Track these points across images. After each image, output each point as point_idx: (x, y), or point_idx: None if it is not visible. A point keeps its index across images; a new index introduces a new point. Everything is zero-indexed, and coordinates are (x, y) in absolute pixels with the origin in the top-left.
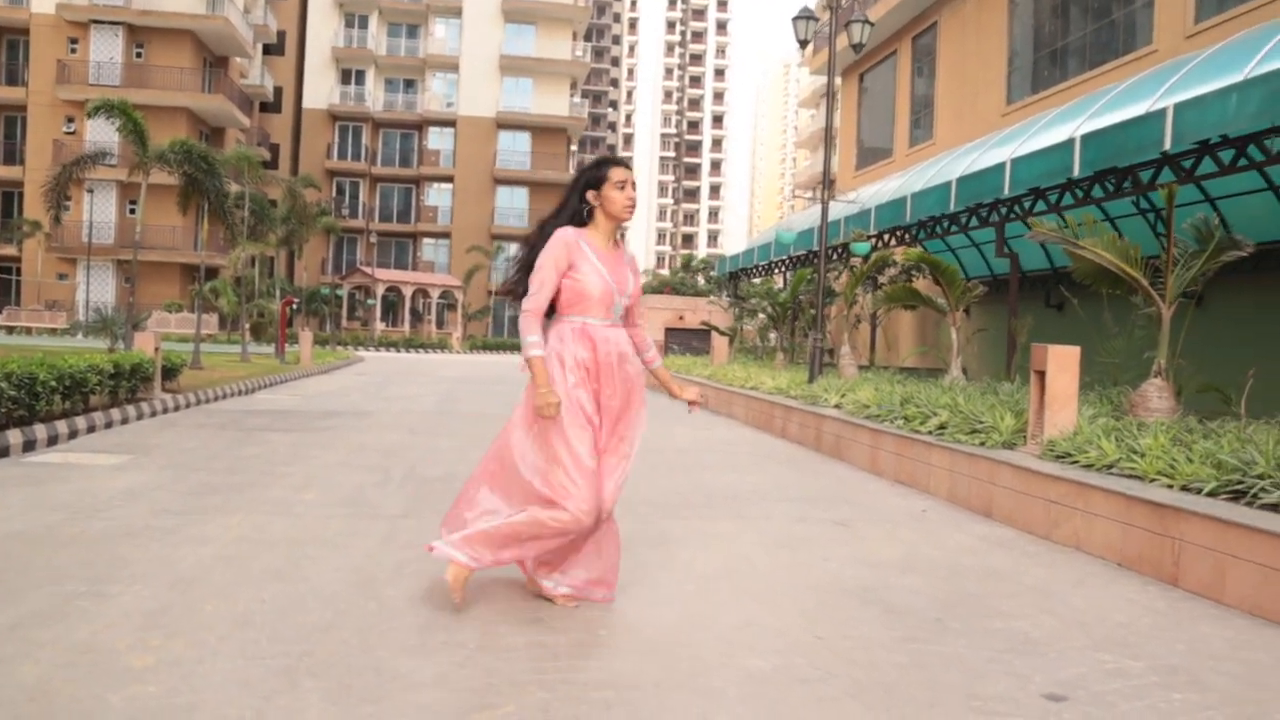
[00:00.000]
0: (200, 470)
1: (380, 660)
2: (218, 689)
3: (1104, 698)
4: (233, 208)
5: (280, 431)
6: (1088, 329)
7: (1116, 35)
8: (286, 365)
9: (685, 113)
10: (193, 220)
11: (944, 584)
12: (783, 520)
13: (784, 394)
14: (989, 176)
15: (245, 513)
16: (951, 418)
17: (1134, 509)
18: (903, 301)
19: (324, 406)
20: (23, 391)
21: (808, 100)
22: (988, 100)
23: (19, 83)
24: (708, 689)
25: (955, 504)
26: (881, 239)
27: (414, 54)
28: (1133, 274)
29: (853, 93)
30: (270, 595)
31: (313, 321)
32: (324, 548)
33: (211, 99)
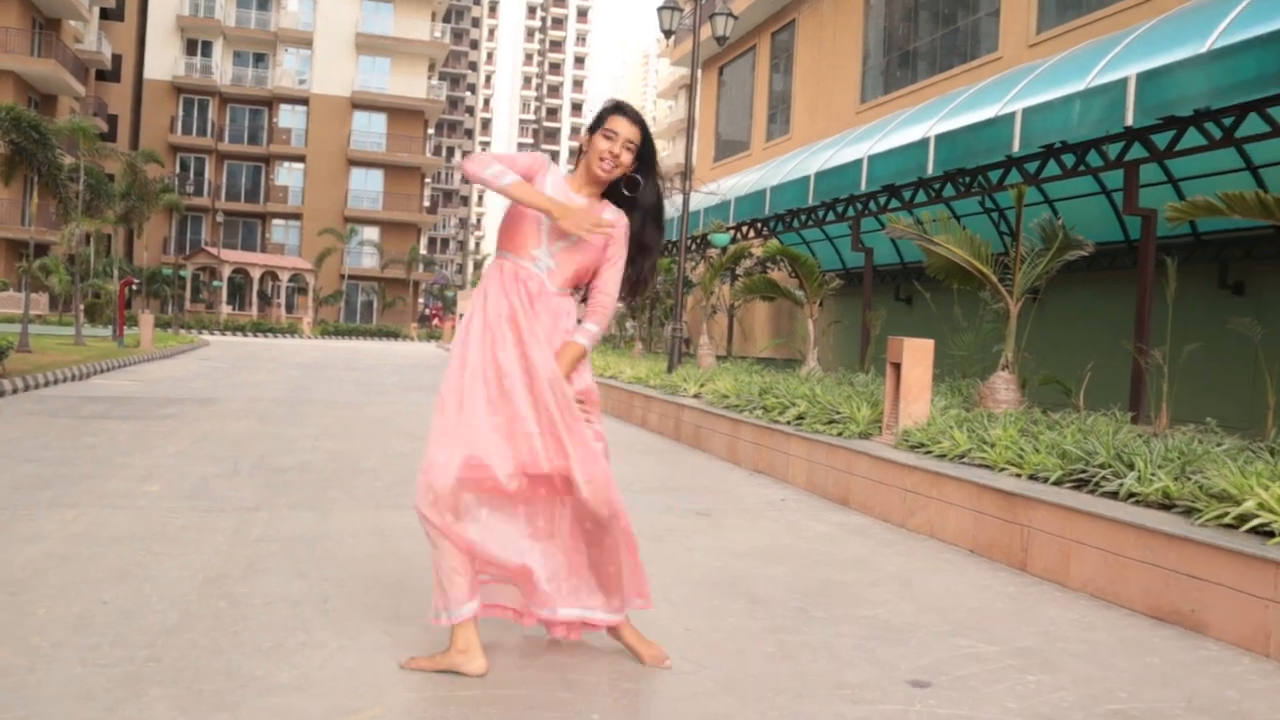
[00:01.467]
0: (29, 461)
1: (233, 663)
2: (53, 701)
3: (965, 682)
4: (66, 181)
5: (119, 419)
6: (937, 322)
7: (964, 41)
8: (125, 349)
9: (545, 99)
10: (20, 193)
11: (807, 573)
12: (646, 510)
13: (643, 383)
14: (846, 172)
15: (82, 507)
16: (809, 408)
17: (985, 497)
18: (761, 293)
19: (167, 393)
20: None
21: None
22: (843, 98)
23: None
24: (578, 684)
25: (813, 493)
26: (740, 231)
27: (265, 27)
28: (983, 270)
29: (712, 86)
30: (112, 596)
31: (154, 303)
32: (169, 544)
33: (42, 63)
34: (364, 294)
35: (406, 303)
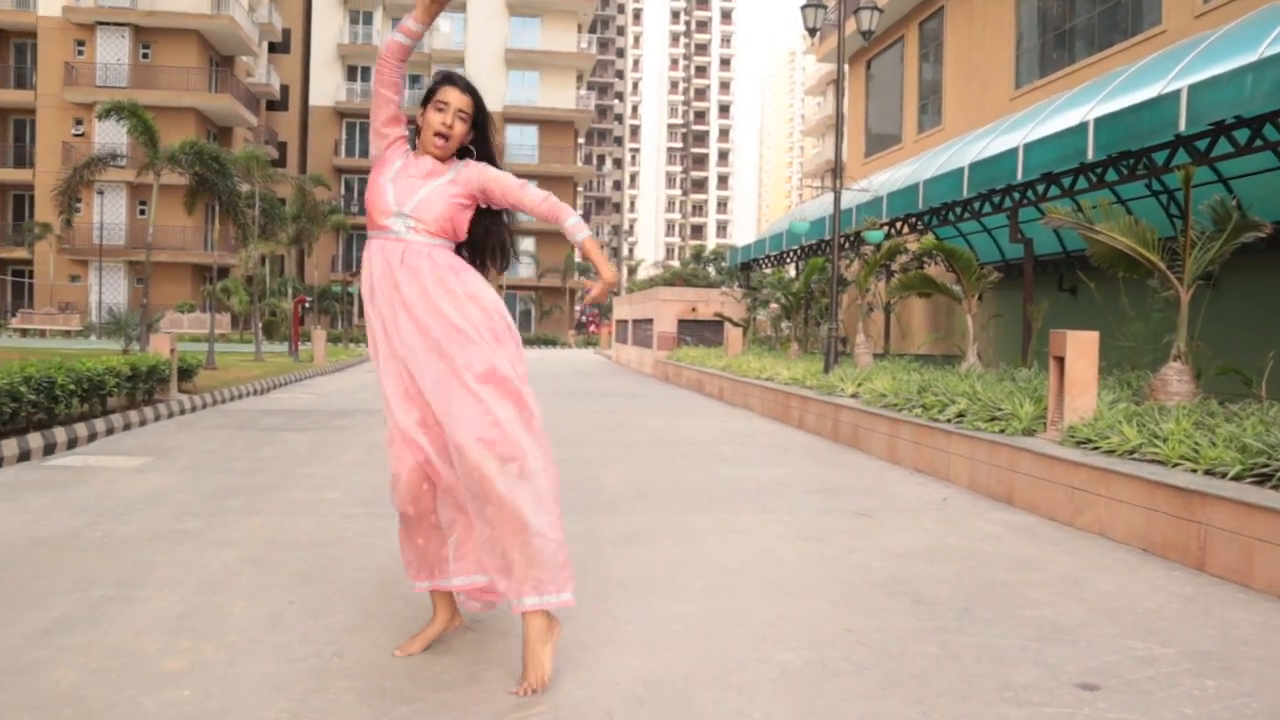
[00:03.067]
0: (221, 472)
1: (411, 661)
2: (251, 692)
3: (1137, 686)
4: (243, 207)
5: (297, 431)
6: (1103, 313)
7: (1125, 16)
8: (300, 364)
9: (692, 103)
10: (202, 220)
11: (970, 573)
12: (806, 512)
13: (799, 384)
14: (1002, 162)
15: (268, 514)
16: (970, 405)
17: (1157, 494)
18: (917, 289)
19: (339, 405)
20: (42, 395)
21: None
22: (996, 85)
23: (27, 86)
24: (740, 684)
25: (976, 492)
26: (894, 226)
27: (419, 50)
28: (1150, 257)
29: (860, 80)
30: (299, 597)
31: (325, 319)
32: (349, 548)
33: (218, 98)
34: (521, 303)
35: (563, 310)
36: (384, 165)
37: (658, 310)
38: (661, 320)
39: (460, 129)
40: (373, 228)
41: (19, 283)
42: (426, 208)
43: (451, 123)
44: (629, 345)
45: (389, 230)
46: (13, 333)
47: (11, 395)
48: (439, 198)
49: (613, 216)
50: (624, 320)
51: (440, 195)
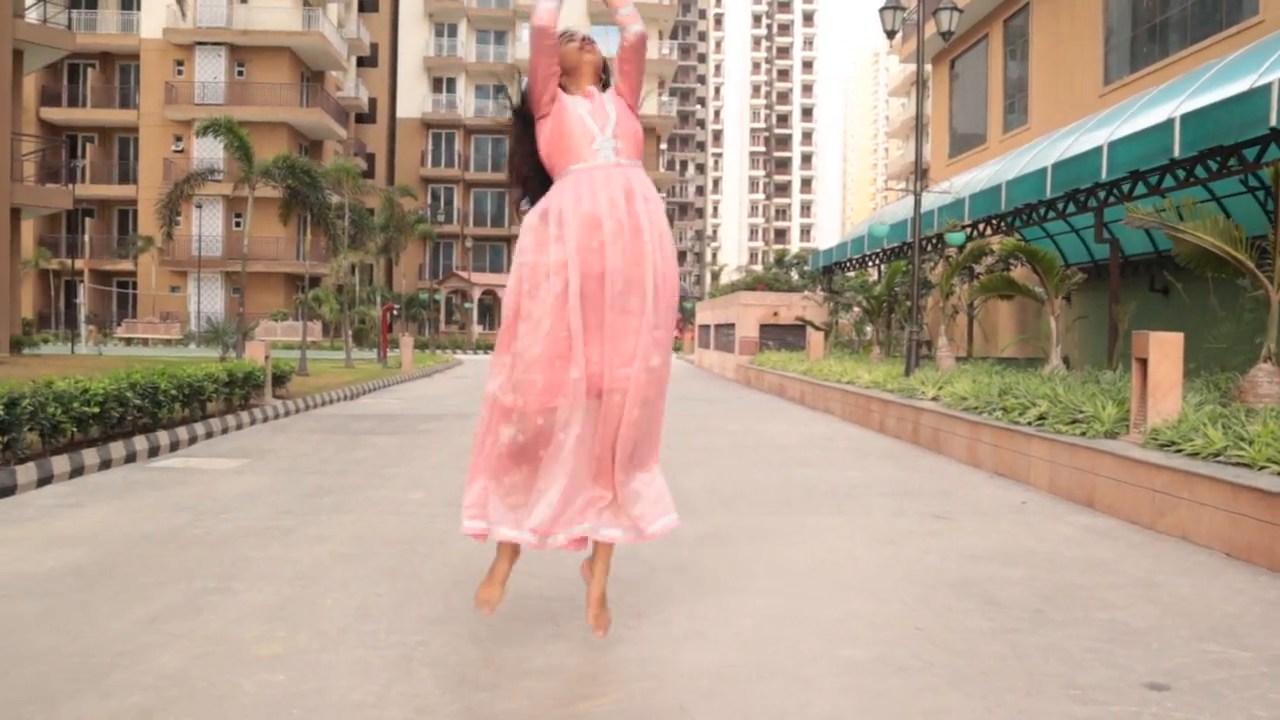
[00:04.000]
0: (314, 473)
1: (490, 650)
2: (341, 676)
3: (1209, 687)
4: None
5: (386, 435)
6: (1194, 314)
7: (1220, 6)
8: (389, 370)
9: (774, 107)
10: (295, 231)
11: (1045, 575)
12: (881, 514)
13: (880, 388)
14: (1085, 161)
15: (358, 513)
16: (1051, 408)
17: (1242, 497)
18: (999, 291)
19: (426, 410)
20: (146, 400)
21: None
22: (1084, 82)
23: (131, 105)
24: (806, 678)
25: (1056, 495)
26: (976, 228)
27: (503, 59)
28: (1237, 256)
29: (944, 80)
30: (386, 590)
31: (412, 326)
32: (433, 545)
33: (309, 113)
34: None
35: None
36: (562, 107)
37: (739, 315)
38: (743, 325)
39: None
40: (572, 161)
41: (123, 294)
42: (625, 126)
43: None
44: (711, 350)
45: (596, 156)
46: (118, 341)
47: (119, 400)
48: (626, 115)
49: (695, 222)
50: (706, 325)
51: (626, 113)
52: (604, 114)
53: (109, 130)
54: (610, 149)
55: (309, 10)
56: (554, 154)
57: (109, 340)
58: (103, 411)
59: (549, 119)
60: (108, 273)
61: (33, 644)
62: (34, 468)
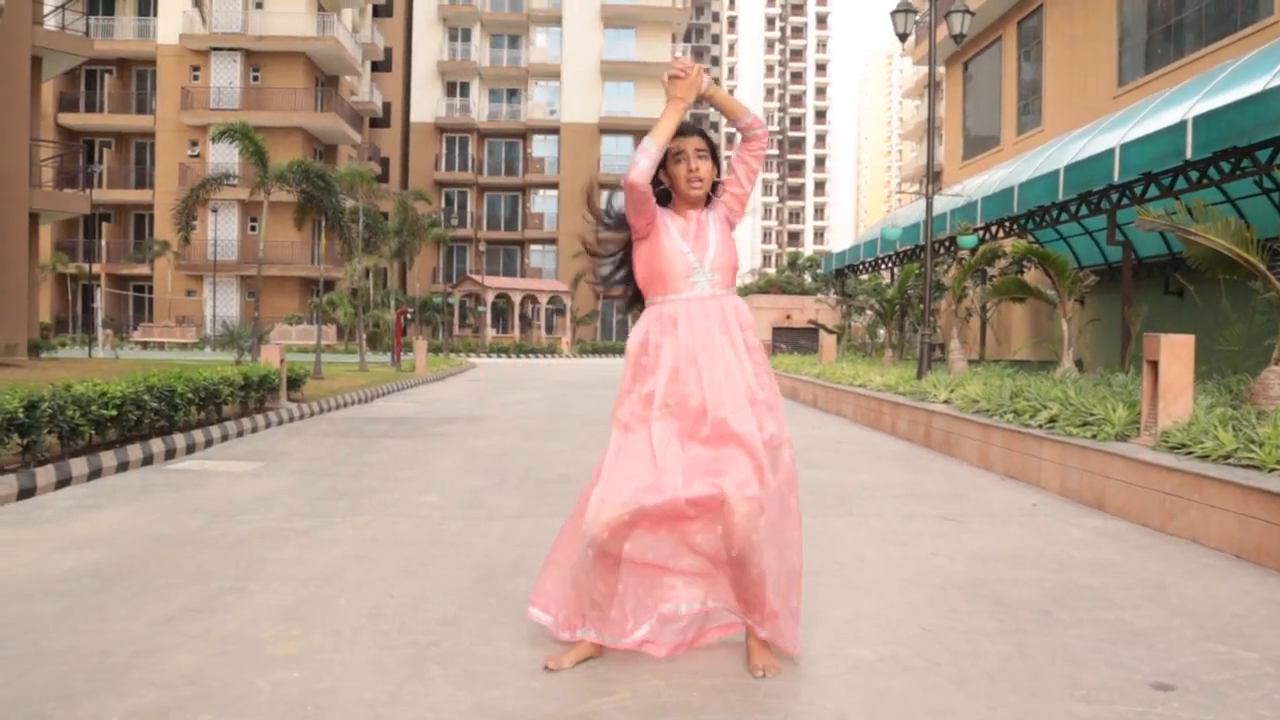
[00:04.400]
0: (328, 475)
1: (501, 650)
2: (354, 675)
3: (1214, 687)
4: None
5: (400, 438)
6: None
7: (1235, 7)
8: (403, 373)
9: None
10: (309, 235)
11: (1053, 577)
12: (891, 516)
13: (892, 390)
14: (1098, 163)
15: (372, 515)
16: (1062, 410)
17: (1251, 499)
18: (1010, 294)
19: (440, 413)
20: (163, 403)
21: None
22: (1098, 83)
23: (147, 111)
24: (814, 677)
25: (1067, 497)
26: (989, 230)
27: (516, 64)
28: (1248, 258)
29: (957, 82)
30: (398, 591)
31: (426, 330)
32: (446, 547)
33: (324, 117)
34: (619, 313)
35: None
36: (658, 233)
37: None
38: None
39: (706, 166)
40: (669, 291)
41: (140, 298)
42: (724, 259)
43: (695, 165)
44: None
45: (693, 289)
46: (134, 345)
47: (136, 403)
48: (725, 245)
49: None
50: None
51: (725, 242)
52: (704, 244)
53: (126, 135)
54: (707, 282)
55: (324, 15)
56: (650, 280)
57: (125, 344)
58: (120, 414)
59: (645, 242)
60: (124, 277)
61: (51, 643)
62: (52, 470)
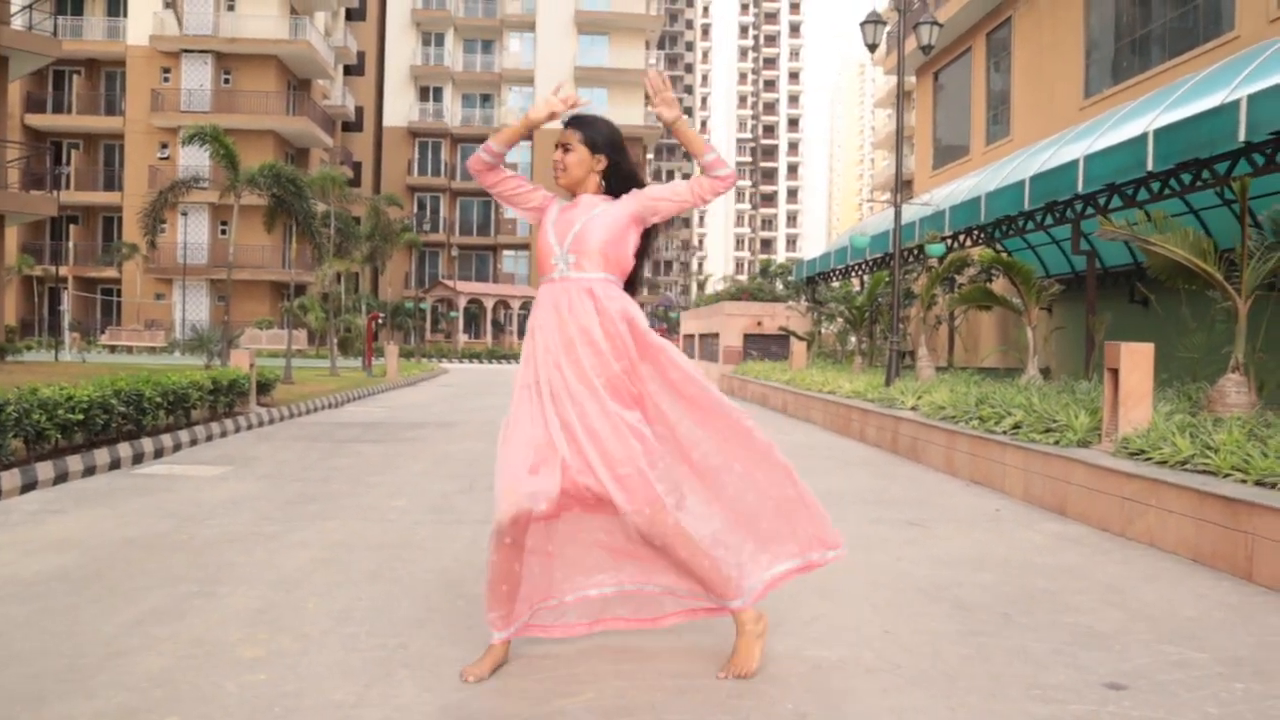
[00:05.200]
0: (297, 480)
1: (469, 653)
2: (322, 678)
3: (1165, 687)
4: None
5: (370, 443)
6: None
7: (1199, 21)
8: (374, 378)
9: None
10: (280, 239)
11: (1014, 580)
12: (857, 521)
13: (861, 397)
14: (1062, 174)
15: (341, 519)
16: (1026, 417)
17: (1207, 504)
18: (977, 302)
19: (410, 418)
20: (131, 407)
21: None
22: (1065, 94)
23: (116, 112)
24: (774, 677)
25: (1030, 503)
26: (958, 239)
27: (490, 69)
28: (1206, 269)
29: (928, 91)
30: (367, 594)
31: (397, 335)
32: (415, 551)
33: (296, 121)
34: None
35: None
36: (540, 221)
37: (724, 324)
38: (727, 334)
39: (570, 159)
40: (541, 275)
41: (108, 301)
42: (588, 241)
43: (559, 158)
44: (696, 359)
45: (554, 271)
46: (102, 349)
47: (103, 407)
48: (595, 228)
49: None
50: (691, 335)
51: (596, 225)
52: (569, 225)
53: (94, 137)
54: (564, 264)
55: (296, 19)
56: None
57: (93, 348)
58: (87, 418)
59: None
60: (92, 280)
61: (21, 646)
62: (18, 474)
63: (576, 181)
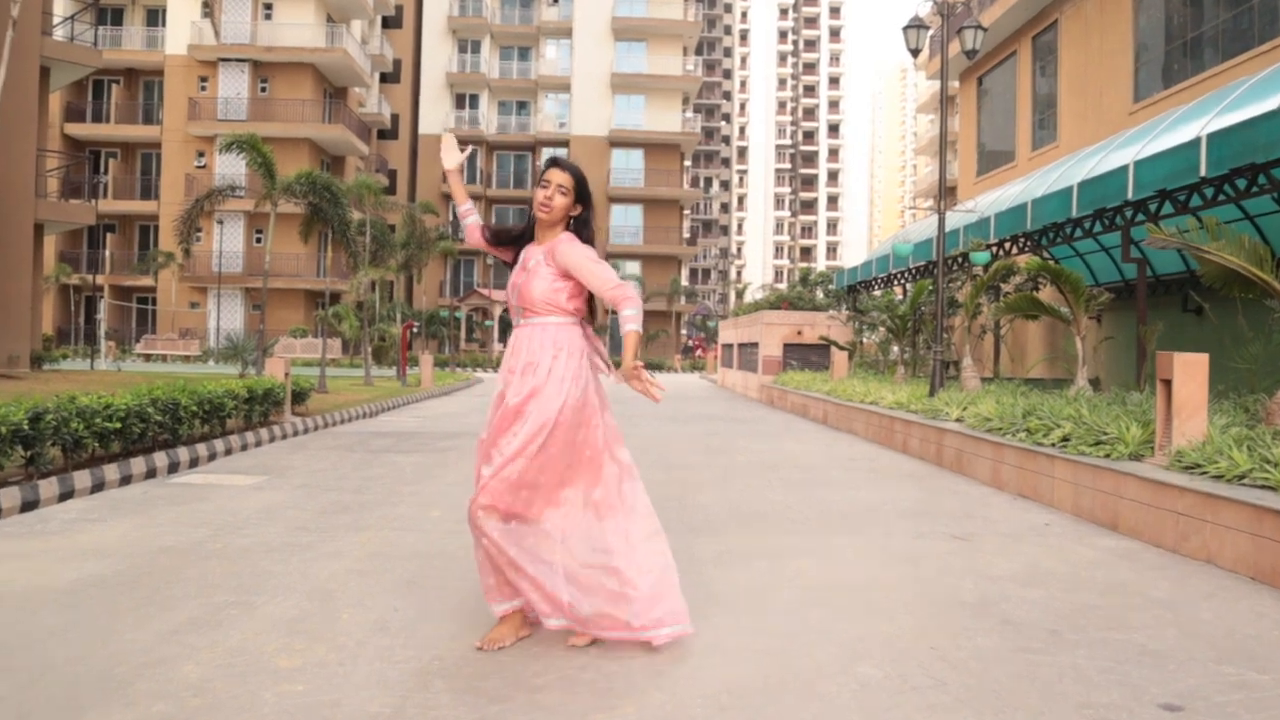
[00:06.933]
0: (332, 490)
1: (505, 664)
2: (359, 688)
3: (1224, 708)
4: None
5: (404, 453)
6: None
7: (1253, 22)
8: (408, 388)
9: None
10: (316, 248)
11: (1064, 597)
12: (902, 535)
13: (904, 408)
14: (1111, 180)
15: (376, 529)
16: (1075, 429)
17: (1266, 521)
18: (1024, 311)
19: (445, 428)
20: (167, 416)
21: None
22: (1114, 99)
23: (154, 121)
24: (821, 694)
25: (1080, 517)
26: (1003, 247)
27: (526, 76)
28: (1264, 277)
29: (971, 96)
30: (403, 605)
31: (432, 344)
32: (450, 561)
33: (332, 129)
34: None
35: (669, 334)
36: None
37: (763, 334)
38: (766, 344)
39: (561, 201)
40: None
41: (143, 309)
42: (528, 293)
43: (552, 195)
44: (734, 369)
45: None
46: (137, 358)
47: (140, 416)
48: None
49: (720, 239)
50: (729, 344)
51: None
52: (518, 282)
53: (132, 146)
54: (519, 315)
55: (332, 27)
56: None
57: (128, 356)
58: (124, 427)
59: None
60: (128, 288)
61: (58, 654)
62: (56, 483)
63: (557, 222)
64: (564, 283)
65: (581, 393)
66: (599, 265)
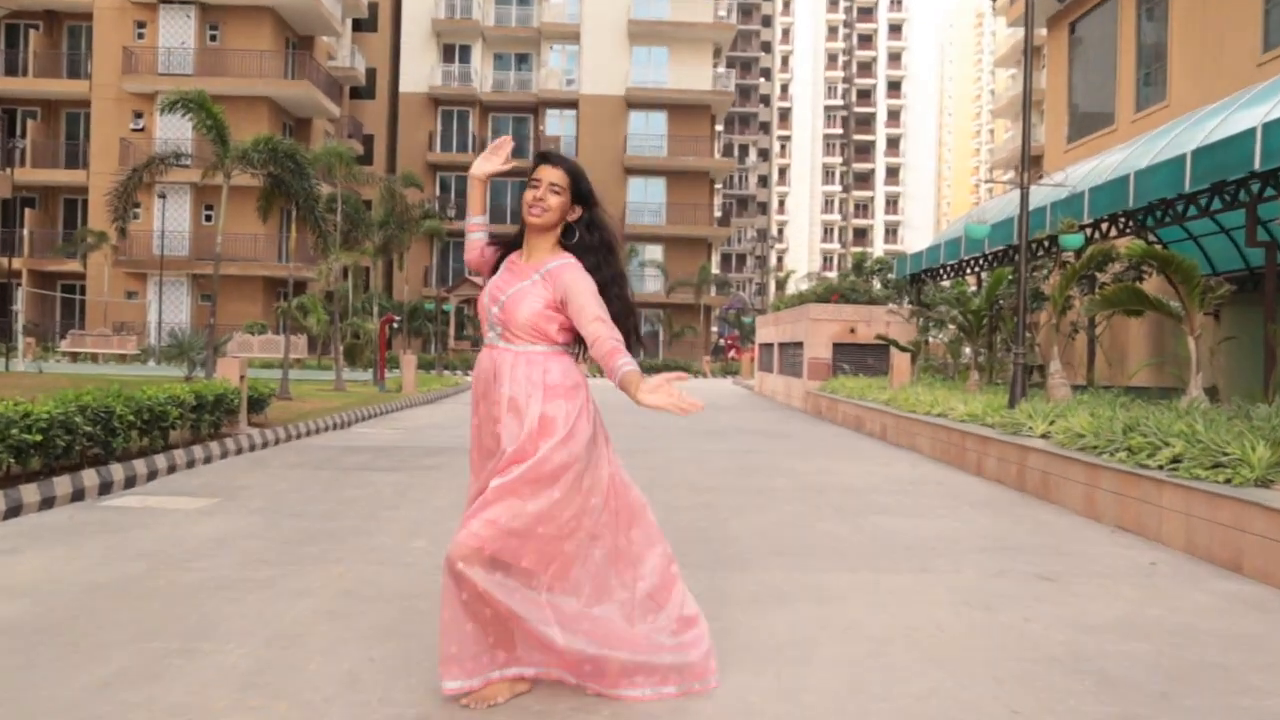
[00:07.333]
0: (296, 515)
1: None
2: None
3: None
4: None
5: (382, 471)
6: None
7: None
8: (387, 394)
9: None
10: (276, 227)
11: (1175, 651)
12: (975, 574)
13: (978, 421)
14: (1233, 147)
15: (348, 563)
16: (1188, 449)
17: None
18: (1124, 306)
19: (430, 442)
20: (99, 427)
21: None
22: (1238, 47)
23: (81, 75)
24: None
25: (1194, 555)
26: (1099, 228)
27: (526, 24)
28: None
29: (1061, 46)
30: (379, 654)
31: (416, 342)
32: (436, 601)
33: (296, 85)
34: (647, 323)
35: (697, 332)
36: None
37: (809, 332)
38: (813, 344)
39: (554, 201)
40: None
41: (69, 299)
42: (512, 313)
43: (544, 195)
44: (774, 374)
45: (489, 336)
46: (61, 357)
47: (65, 426)
48: (519, 301)
49: (758, 219)
50: (769, 344)
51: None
52: (500, 293)
53: (55, 104)
54: (495, 334)
55: None
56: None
57: (51, 356)
58: (46, 440)
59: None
60: (50, 274)
61: None
62: None
63: (551, 225)
64: (558, 314)
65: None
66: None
